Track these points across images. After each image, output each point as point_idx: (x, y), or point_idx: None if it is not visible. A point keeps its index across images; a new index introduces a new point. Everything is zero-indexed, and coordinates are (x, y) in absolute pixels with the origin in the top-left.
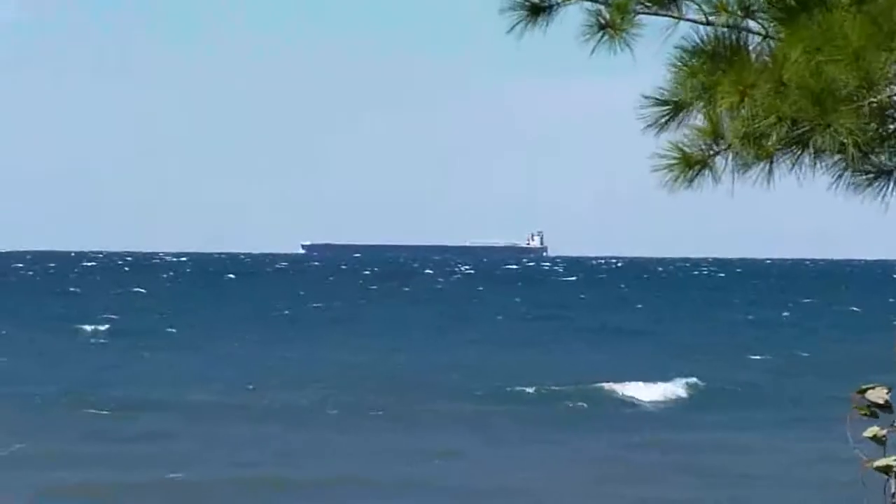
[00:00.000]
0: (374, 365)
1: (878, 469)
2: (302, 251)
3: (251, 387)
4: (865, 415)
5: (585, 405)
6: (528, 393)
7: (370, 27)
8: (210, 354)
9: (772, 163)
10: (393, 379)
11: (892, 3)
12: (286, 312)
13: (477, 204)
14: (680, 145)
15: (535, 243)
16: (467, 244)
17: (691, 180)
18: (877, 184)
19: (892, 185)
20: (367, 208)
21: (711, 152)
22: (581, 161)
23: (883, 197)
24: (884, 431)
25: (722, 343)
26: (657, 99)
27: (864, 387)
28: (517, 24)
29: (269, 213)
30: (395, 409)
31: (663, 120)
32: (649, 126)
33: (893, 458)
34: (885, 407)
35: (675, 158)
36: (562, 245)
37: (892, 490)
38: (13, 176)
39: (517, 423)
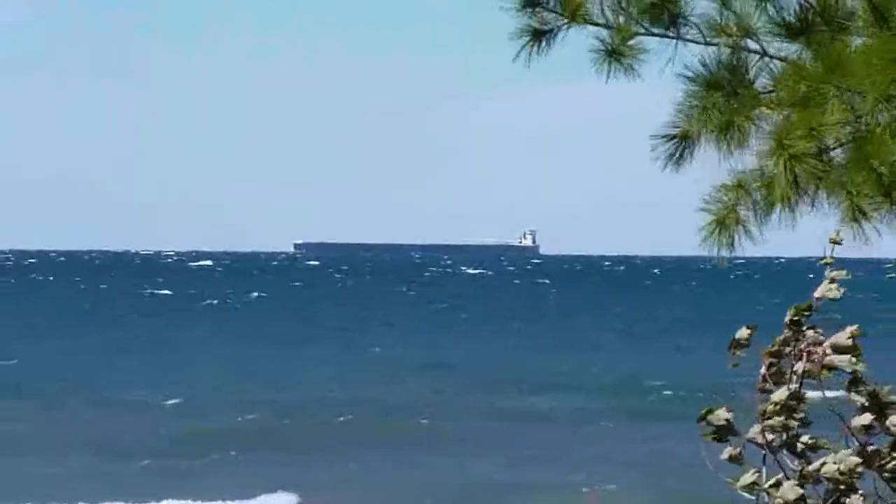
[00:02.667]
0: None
1: (744, 489)
2: (294, 250)
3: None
4: (715, 439)
5: None
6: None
7: (369, 27)
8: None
9: (792, 207)
10: (574, 381)
11: None
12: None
13: (468, 203)
14: (708, 208)
15: (528, 242)
16: (460, 243)
17: (731, 243)
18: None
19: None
20: (354, 207)
21: (735, 202)
22: (572, 161)
23: (887, 218)
24: (737, 450)
25: None
26: (666, 136)
27: (704, 410)
28: (522, 49)
29: (261, 212)
30: (609, 414)
31: (678, 155)
32: (665, 165)
33: (752, 471)
34: (729, 428)
35: (709, 225)
36: (553, 244)
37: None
38: (11, 176)
39: None
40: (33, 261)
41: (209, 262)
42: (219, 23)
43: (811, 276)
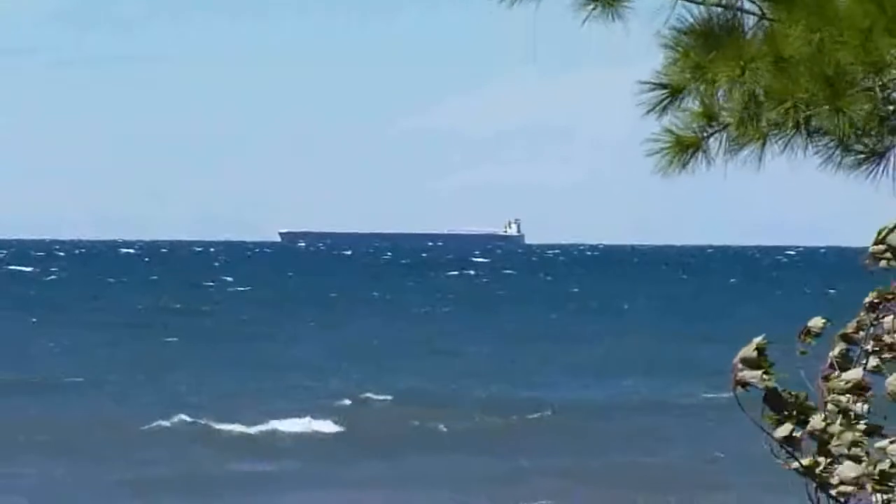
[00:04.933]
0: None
1: (800, 471)
2: (280, 239)
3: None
4: (778, 421)
5: None
6: None
7: (362, 22)
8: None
9: (764, 144)
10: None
11: None
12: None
13: (452, 191)
14: (672, 128)
15: (513, 231)
16: (446, 232)
17: (685, 164)
18: (868, 165)
19: (883, 165)
20: (333, 195)
21: (705, 134)
22: (559, 150)
23: (874, 177)
24: (798, 433)
25: None
26: (654, 83)
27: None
28: None
29: (246, 201)
30: None
31: (662, 104)
32: (649, 111)
33: (811, 455)
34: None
35: (667, 142)
36: (538, 233)
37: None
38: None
39: None
40: (41, 253)
41: (267, 250)
42: (208, 17)
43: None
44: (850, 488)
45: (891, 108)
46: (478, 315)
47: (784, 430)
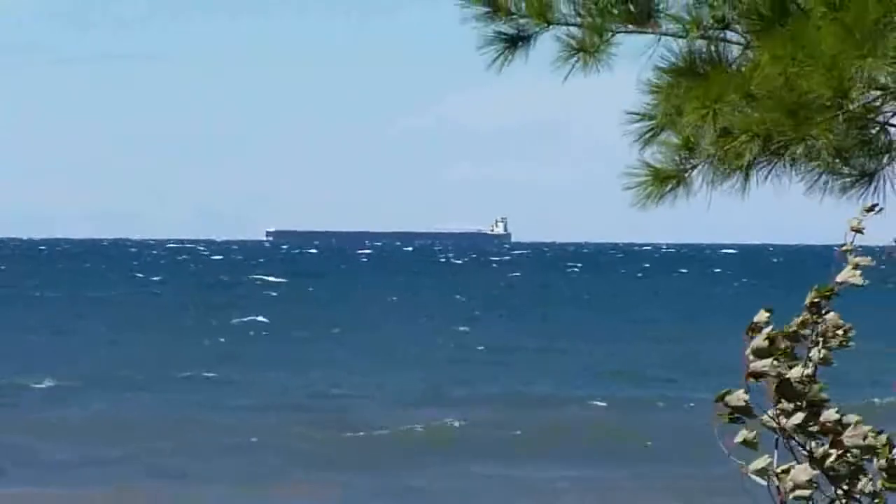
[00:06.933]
0: None
1: (756, 473)
2: (266, 238)
3: None
4: (730, 421)
5: None
6: None
7: (362, 21)
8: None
9: (748, 173)
10: None
11: (863, 9)
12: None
13: (439, 190)
14: (650, 162)
15: (500, 230)
16: (432, 230)
17: (662, 196)
18: (857, 187)
19: (873, 187)
20: (317, 194)
21: (687, 166)
22: (546, 148)
23: (865, 199)
24: (752, 434)
25: None
26: (640, 114)
27: (722, 392)
28: (497, 57)
29: (246, 200)
30: None
31: (648, 135)
32: (635, 142)
33: (765, 456)
34: (746, 411)
35: (646, 175)
36: (523, 231)
37: (775, 483)
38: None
39: None
40: (43, 248)
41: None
42: (200, 17)
43: (775, 260)
44: (806, 492)
45: (873, 131)
46: (512, 315)
47: (742, 434)
